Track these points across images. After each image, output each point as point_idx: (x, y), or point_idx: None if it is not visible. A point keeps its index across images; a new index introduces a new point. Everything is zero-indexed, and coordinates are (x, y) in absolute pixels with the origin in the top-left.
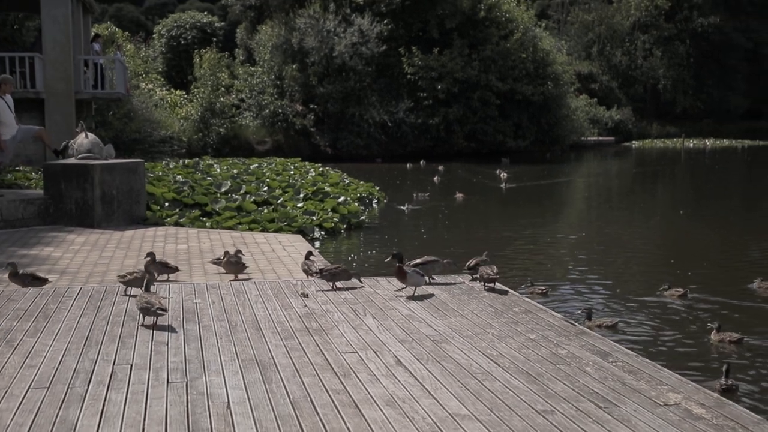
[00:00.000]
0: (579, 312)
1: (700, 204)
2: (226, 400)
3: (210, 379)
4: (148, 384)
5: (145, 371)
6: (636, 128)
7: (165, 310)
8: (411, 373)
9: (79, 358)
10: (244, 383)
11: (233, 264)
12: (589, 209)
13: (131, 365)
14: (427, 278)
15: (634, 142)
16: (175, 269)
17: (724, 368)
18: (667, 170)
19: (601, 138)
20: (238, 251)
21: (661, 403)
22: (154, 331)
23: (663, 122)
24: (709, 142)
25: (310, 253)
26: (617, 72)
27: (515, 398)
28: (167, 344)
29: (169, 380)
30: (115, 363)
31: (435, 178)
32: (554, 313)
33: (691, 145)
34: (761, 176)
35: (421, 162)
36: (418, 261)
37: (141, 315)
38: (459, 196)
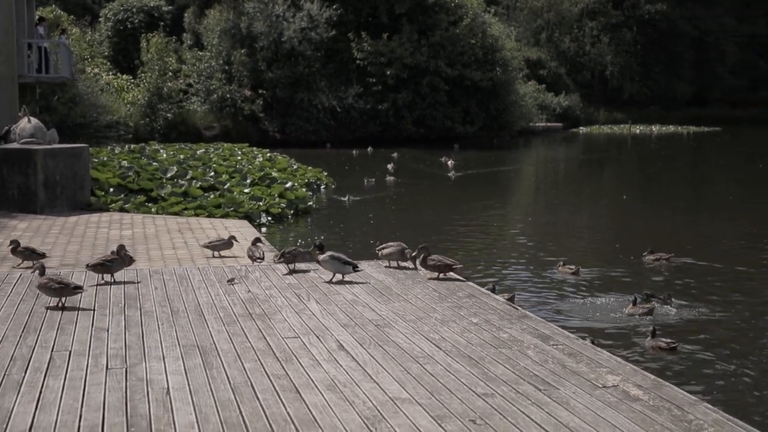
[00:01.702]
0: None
1: (644, 189)
2: (166, 386)
3: (150, 365)
4: (87, 370)
5: (84, 358)
6: (584, 114)
7: (80, 287)
8: (353, 358)
9: (17, 344)
10: (185, 369)
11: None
12: (536, 196)
13: (70, 352)
14: (350, 266)
15: (581, 128)
16: (43, 255)
17: (650, 329)
18: (614, 157)
19: (549, 124)
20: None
21: (600, 385)
22: (95, 317)
23: (610, 108)
24: (655, 129)
25: (257, 239)
26: (565, 58)
27: (456, 382)
28: (108, 330)
29: (109, 366)
30: (54, 350)
31: (389, 165)
32: (498, 297)
33: (638, 131)
34: (704, 162)
35: (369, 149)
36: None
37: (50, 296)
38: (390, 179)
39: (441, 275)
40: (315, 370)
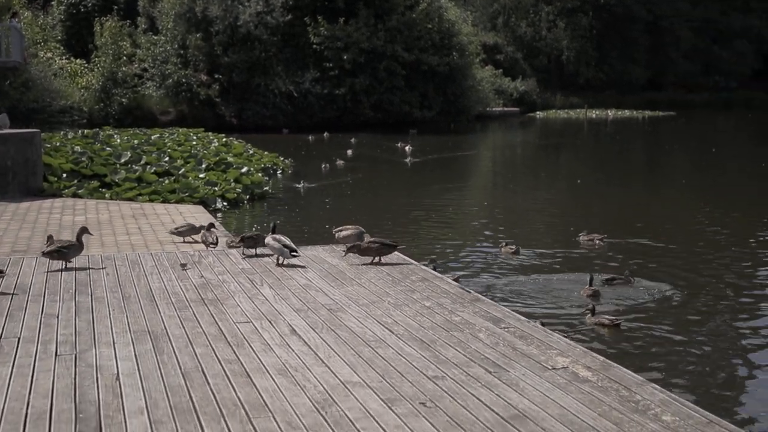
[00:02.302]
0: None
1: (599, 173)
2: (116, 372)
3: (100, 351)
4: (36, 357)
5: (33, 344)
6: (540, 99)
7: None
8: (305, 342)
9: None
10: (135, 355)
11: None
12: (494, 180)
13: (19, 338)
14: (288, 250)
15: (538, 112)
16: None
17: (589, 306)
18: (570, 141)
19: (506, 108)
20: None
21: (549, 367)
22: (45, 304)
23: (567, 93)
24: (611, 113)
25: (212, 225)
26: (522, 43)
27: (407, 365)
28: (58, 317)
29: (58, 353)
30: (2, 337)
31: (348, 151)
32: (450, 280)
33: (594, 115)
34: (659, 146)
35: (325, 134)
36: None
37: None
38: (340, 162)
39: (377, 259)
40: (266, 355)
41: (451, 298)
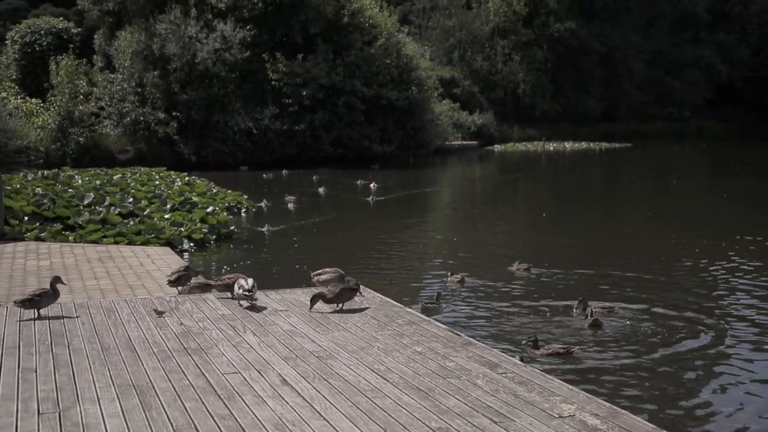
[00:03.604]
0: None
1: (560, 207)
2: (104, 431)
3: (85, 408)
4: (17, 417)
5: (12, 402)
6: (498, 132)
7: None
8: (298, 393)
9: None
10: (122, 411)
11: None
12: (459, 218)
13: None
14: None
15: (496, 145)
16: None
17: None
18: (530, 175)
19: (464, 142)
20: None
21: (556, 415)
22: (21, 357)
23: (524, 125)
24: (568, 145)
25: (187, 268)
26: (478, 77)
27: (408, 416)
28: (36, 371)
29: (40, 411)
30: None
31: (320, 189)
32: (438, 323)
33: (551, 148)
34: (618, 178)
35: (284, 171)
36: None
37: None
38: (289, 198)
39: (340, 305)
40: (260, 408)
41: (442, 342)
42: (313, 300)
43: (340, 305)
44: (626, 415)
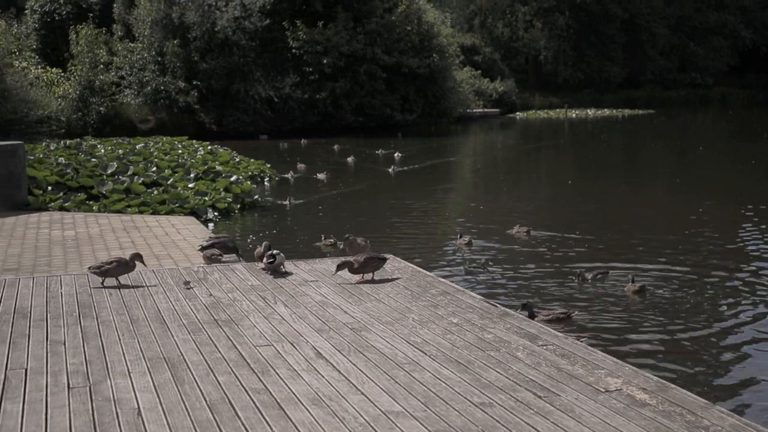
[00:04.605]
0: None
1: (587, 174)
2: (136, 406)
3: (116, 383)
4: (47, 391)
5: (42, 376)
6: (520, 99)
7: None
8: (334, 367)
9: None
10: (154, 385)
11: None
12: (486, 187)
13: (26, 369)
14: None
15: (518, 113)
16: None
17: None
18: (554, 143)
19: (486, 110)
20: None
21: (602, 390)
22: (49, 329)
23: (545, 93)
24: (590, 112)
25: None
26: (499, 44)
27: (449, 390)
28: (64, 344)
29: (70, 385)
30: (8, 368)
31: (349, 159)
32: (473, 294)
33: (574, 115)
34: (643, 144)
35: (302, 141)
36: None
37: None
38: (301, 166)
39: (370, 275)
40: (296, 383)
41: (479, 313)
42: (339, 267)
43: (368, 275)
44: (676, 389)
